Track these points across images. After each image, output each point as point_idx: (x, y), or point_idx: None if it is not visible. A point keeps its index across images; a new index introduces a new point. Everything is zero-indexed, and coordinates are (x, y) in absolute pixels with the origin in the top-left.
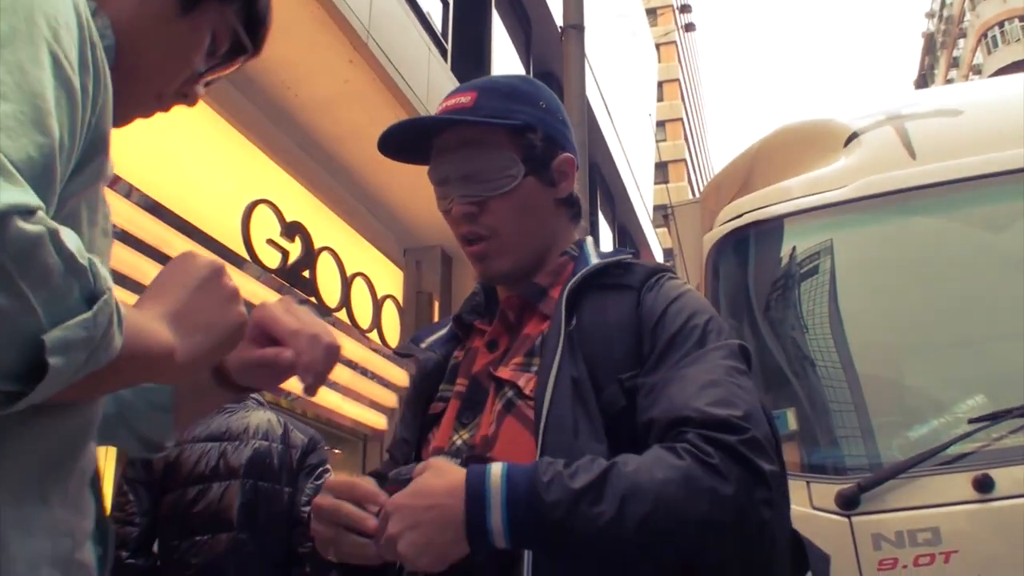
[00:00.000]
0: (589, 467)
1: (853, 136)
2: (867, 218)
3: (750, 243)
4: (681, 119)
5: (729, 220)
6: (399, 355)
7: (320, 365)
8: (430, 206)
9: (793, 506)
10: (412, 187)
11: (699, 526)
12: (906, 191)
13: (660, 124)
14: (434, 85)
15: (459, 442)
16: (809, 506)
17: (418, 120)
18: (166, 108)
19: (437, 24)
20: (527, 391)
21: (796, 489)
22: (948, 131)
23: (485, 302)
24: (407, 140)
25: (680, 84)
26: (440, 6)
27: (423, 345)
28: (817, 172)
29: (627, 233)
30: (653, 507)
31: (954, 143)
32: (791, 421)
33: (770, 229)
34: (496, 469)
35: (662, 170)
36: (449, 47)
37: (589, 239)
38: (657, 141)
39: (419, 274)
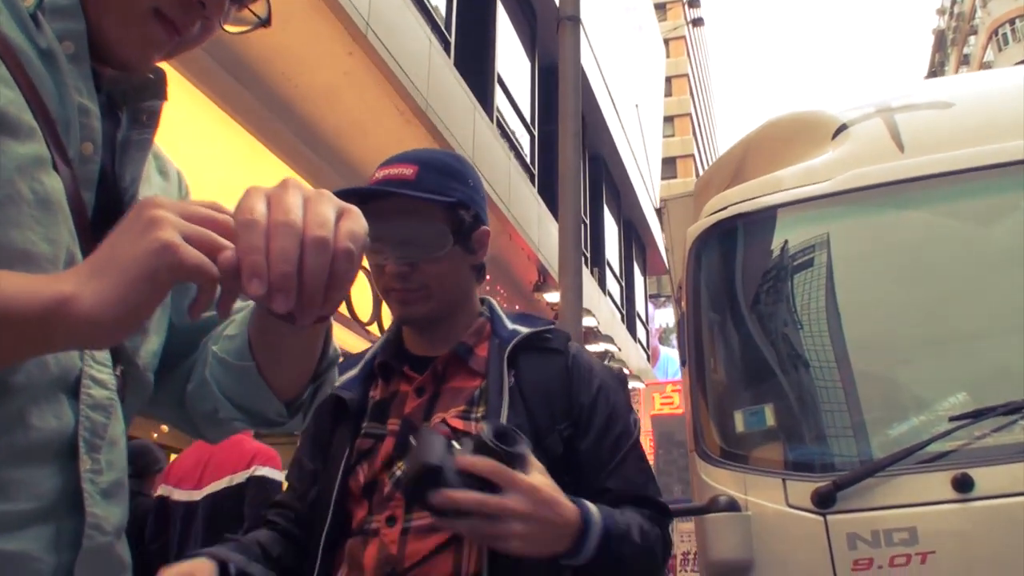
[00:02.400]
0: (629, 519)
1: (842, 128)
2: (854, 211)
3: (734, 235)
4: (689, 114)
5: (715, 212)
6: None
7: (280, 268)
8: None
9: (768, 504)
10: None
11: (650, 563)
12: (893, 184)
13: (668, 120)
14: (435, 77)
15: (398, 472)
16: (784, 504)
17: (371, 189)
18: (180, 27)
19: (440, 16)
20: None
21: (771, 487)
22: (938, 123)
23: (398, 348)
24: (349, 197)
25: (689, 79)
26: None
27: (336, 383)
28: (804, 164)
29: (632, 228)
30: (645, 554)
31: (944, 136)
32: (768, 417)
33: (755, 221)
34: (595, 512)
35: (670, 165)
36: (453, 40)
37: (493, 300)
38: (665, 136)
39: None
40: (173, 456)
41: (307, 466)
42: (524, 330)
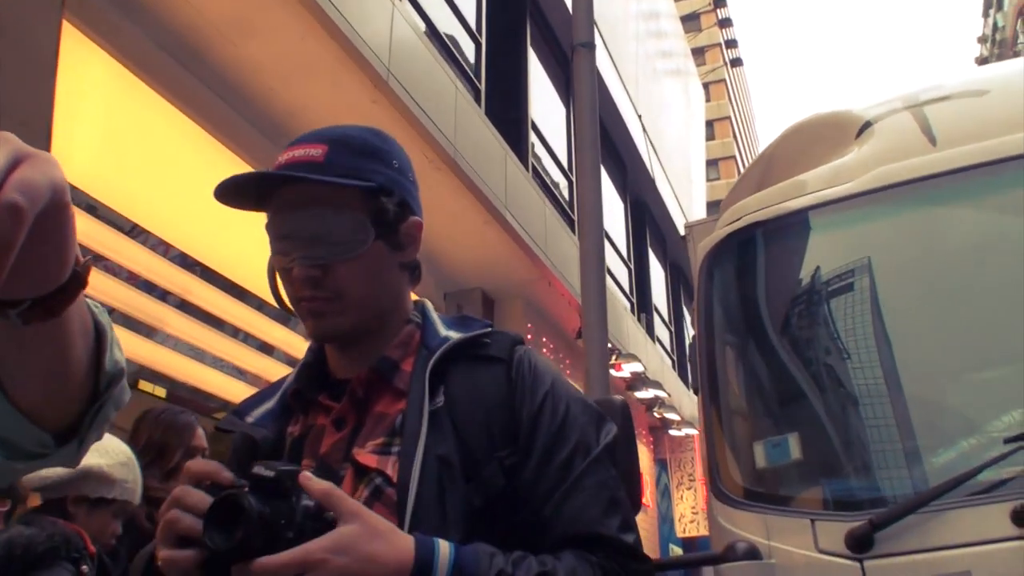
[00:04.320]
0: (527, 568)
1: (866, 125)
2: (881, 212)
3: (750, 246)
4: (733, 156)
5: (730, 223)
6: (222, 431)
7: None
8: (469, 250)
9: (795, 550)
10: (450, 231)
11: None
12: (927, 179)
13: (712, 163)
14: (463, 122)
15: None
16: (814, 548)
17: (267, 174)
18: None
19: (468, 63)
20: (394, 478)
21: (798, 530)
22: (972, 113)
23: (319, 372)
24: (247, 186)
25: (731, 121)
26: (472, 46)
27: (249, 419)
28: (826, 166)
29: (680, 272)
30: None
31: (980, 125)
32: (793, 448)
33: (772, 229)
34: (444, 555)
35: (716, 209)
36: (483, 88)
37: (428, 303)
38: (710, 180)
39: None
40: None
41: None
42: (456, 336)
